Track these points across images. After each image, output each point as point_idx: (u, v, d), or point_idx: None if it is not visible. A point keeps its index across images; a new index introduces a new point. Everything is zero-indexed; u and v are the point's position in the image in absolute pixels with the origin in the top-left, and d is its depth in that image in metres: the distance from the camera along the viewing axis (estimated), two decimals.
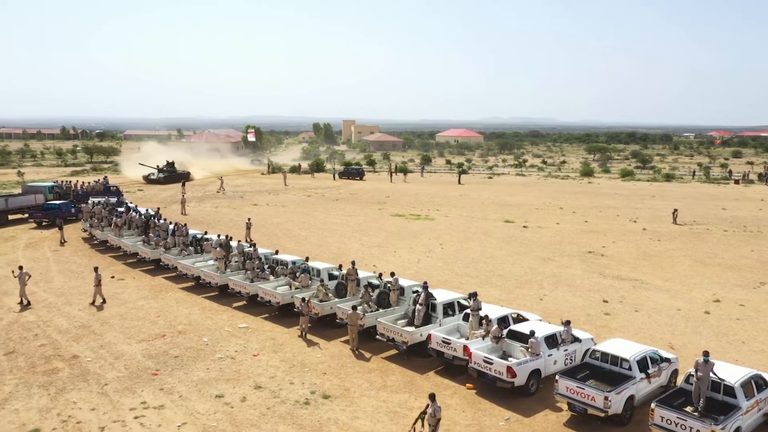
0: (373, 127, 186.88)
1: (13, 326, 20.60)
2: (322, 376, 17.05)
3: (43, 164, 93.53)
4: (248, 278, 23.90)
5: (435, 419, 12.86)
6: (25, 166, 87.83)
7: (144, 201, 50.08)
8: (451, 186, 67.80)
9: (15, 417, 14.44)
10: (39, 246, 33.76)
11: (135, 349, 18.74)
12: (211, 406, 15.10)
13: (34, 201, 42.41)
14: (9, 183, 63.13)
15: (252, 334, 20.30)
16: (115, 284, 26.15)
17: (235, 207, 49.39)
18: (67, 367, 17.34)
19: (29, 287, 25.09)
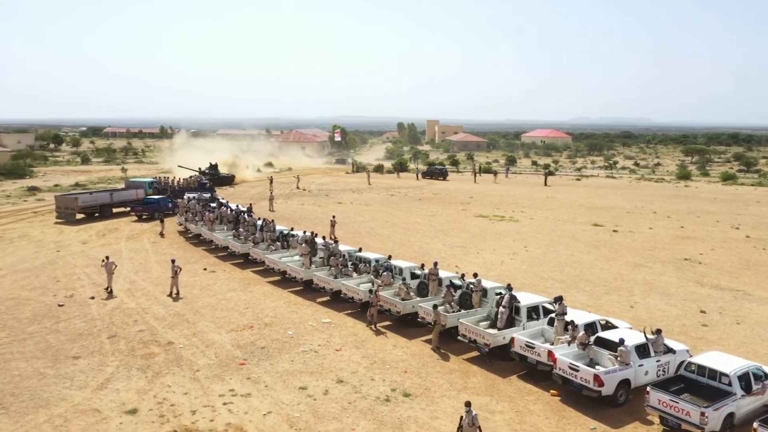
0: (457, 127, 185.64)
1: (115, 312, 22.00)
2: (402, 374, 17.11)
3: (144, 161, 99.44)
4: (332, 274, 24.36)
5: (474, 427, 12.53)
6: (128, 162, 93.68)
7: (234, 197, 52.14)
8: (537, 187, 66.25)
9: (116, 396, 15.42)
10: (139, 238, 35.89)
11: (224, 339, 19.55)
12: (295, 397, 15.50)
13: (136, 195, 45.16)
14: (113, 178, 67.48)
15: (335, 329, 20.67)
16: (207, 276, 27.39)
17: (320, 205, 50.49)
18: (163, 353, 18.32)
19: (129, 275, 26.81)
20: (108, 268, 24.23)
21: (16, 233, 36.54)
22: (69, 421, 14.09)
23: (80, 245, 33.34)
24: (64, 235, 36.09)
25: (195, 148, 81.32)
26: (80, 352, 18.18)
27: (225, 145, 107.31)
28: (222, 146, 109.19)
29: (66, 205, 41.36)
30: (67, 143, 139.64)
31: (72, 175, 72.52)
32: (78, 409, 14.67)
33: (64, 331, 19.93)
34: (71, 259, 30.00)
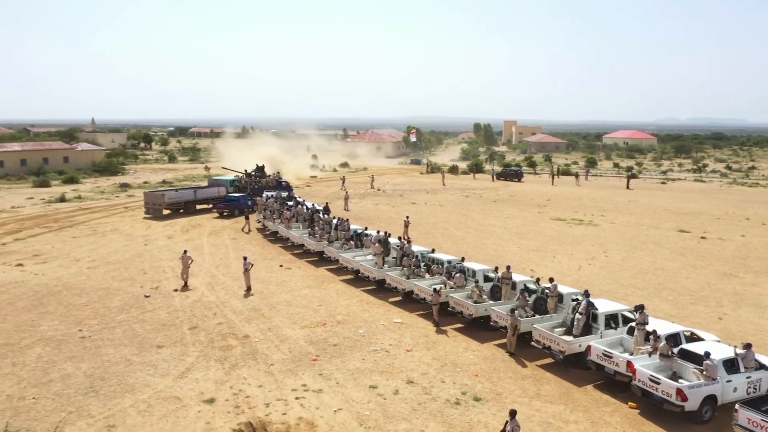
0: (535, 128, 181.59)
1: (196, 304, 22.94)
2: (473, 377, 16.90)
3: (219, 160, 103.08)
4: (404, 275, 24.39)
5: None
6: (211, 161, 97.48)
7: (311, 196, 53.22)
8: (618, 191, 63.80)
9: (195, 385, 16.07)
10: (220, 234, 37.26)
11: (298, 334, 19.97)
12: (365, 396, 15.62)
13: (218, 193, 46.92)
14: (198, 176, 70.43)
15: (406, 330, 20.69)
16: (283, 273, 28.07)
17: (394, 205, 50.70)
18: (240, 345, 18.93)
19: (210, 270, 27.88)
20: (184, 261, 25.28)
21: (108, 227, 38.80)
22: (152, 407, 14.80)
23: (166, 240, 35.00)
24: (152, 230, 38.00)
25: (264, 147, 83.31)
26: (163, 342, 19.07)
27: (301, 144, 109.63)
28: (299, 145, 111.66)
29: (154, 201, 43.55)
30: (156, 142, 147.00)
31: (160, 173, 76.40)
32: (160, 396, 15.39)
33: (150, 321, 20.97)
34: (157, 252, 31.54)
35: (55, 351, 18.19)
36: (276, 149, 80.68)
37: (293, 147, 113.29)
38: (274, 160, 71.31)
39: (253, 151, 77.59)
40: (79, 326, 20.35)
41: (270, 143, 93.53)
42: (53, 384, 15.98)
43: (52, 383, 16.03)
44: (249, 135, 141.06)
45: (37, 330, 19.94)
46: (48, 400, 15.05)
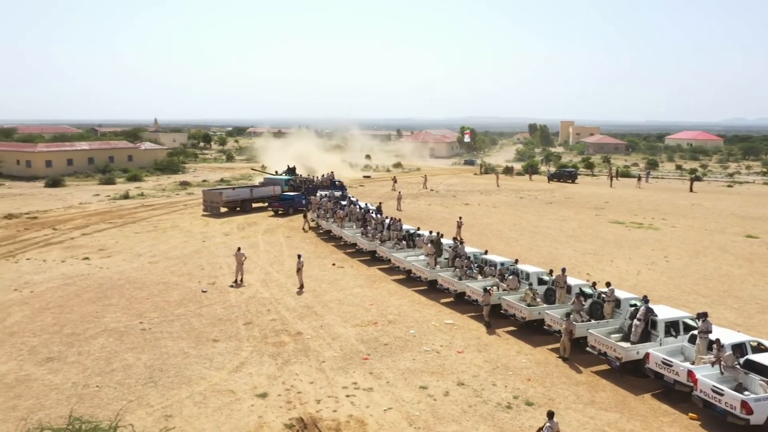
0: (593, 129, 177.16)
1: (251, 301, 23.42)
2: (526, 381, 16.62)
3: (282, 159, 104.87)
4: (457, 276, 24.22)
5: None
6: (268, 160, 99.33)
7: (364, 195, 53.52)
8: (681, 194, 61.53)
9: (249, 380, 16.41)
10: (275, 232, 37.94)
11: (350, 333, 20.11)
12: (415, 396, 15.58)
13: (273, 192, 47.77)
14: (254, 175, 71.84)
15: (457, 331, 20.54)
16: (336, 271, 28.34)
17: (447, 205, 50.43)
18: (292, 342, 19.22)
19: (264, 267, 28.40)
20: (238, 258, 25.83)
21: (169, 224, 40.09)
22: (207, 399, 15.20)
23: (223, 237, 35.89)
24: (209, 227, 39.04)
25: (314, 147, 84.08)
26: (219, 336, 19.56)
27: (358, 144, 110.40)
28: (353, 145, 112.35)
29: (212, 199, 44.74)
30: (215, 142, 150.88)
31: (218, 172, 78.41)
32: (215, 389, 15.79)
33: (206, 316, 21.54)
34: (214, 249, 32.38)
35: (117, 342, 18.93)
36: (314, 148, 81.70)
37: (347, 147, 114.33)
38: (308, 159, 72.17)
39: (286, 150, 78.62)
40: (140, 319, 21.10)
41: (314, 143, 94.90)
42: (115, 373, 16.63)
43: (114, 372, 16.68)
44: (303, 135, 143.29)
45: (101, 321, 20.79)
46: (110, 389, 15.67)
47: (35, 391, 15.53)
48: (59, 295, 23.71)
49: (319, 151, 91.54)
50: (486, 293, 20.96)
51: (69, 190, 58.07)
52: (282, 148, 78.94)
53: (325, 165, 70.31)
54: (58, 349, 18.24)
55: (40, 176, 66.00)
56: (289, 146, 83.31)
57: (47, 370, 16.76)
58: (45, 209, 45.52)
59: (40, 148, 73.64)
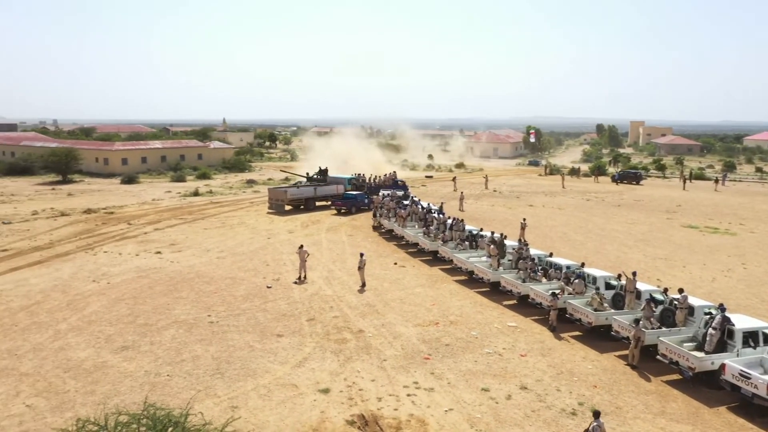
0: (665, 129, 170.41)
1: (314, 298, 23.78)
2: (592, 388, 16.15)
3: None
4: (520, 278, 23.82)
5: None
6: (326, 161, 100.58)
7: (426, 195, 53.41)
8: (761, 197, 58.38)
9: (311, 375, 16.66)
10: (337, 230, 38.38)
11: (411, 332, 20.10)
12: (477, 398, 15.42)
13: (336, 191, 48.35)
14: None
15: (520, 334, 20.19)
16: (397, 270, 28.40)
17: (511, 206, 49.67)
18: (354, 339, 19.38)
19: (327, 265, 28.77)
20: (301, 255, 26.24)
21: (236, 220, 41.23)
22: (271, 392, 15.53)
23: (287, 234, 36.60)
24: (274, 225, 39.89)
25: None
26: (283, 331, 19.95)
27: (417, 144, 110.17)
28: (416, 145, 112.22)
29: (277, 197, 45.72)
30: (280, 141, 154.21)
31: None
32: (279, 382, 16.11)
33: (271, 311, 22.02)
34: (279, 246, 33.06)
35: (186, 333, 19.61)
36: (372, 147, 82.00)
37: (410, 147, 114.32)
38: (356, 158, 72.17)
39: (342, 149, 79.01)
40: (208, 312, 21.79)
41: (370, 143, 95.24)
42: (185, 363, 17.23)
43: (183, 363, 17.29)
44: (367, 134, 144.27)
45: (172, 313, 21.59)
46: (180, 378, 16.25)
47: (111, 377, 16.28)
48: (133, 287, 24.79)
49: (375, 150, 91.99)
50: (554, 297, 20.50)
51: (143, 187, 60.65)
52: (337, 148, 79.48)
53: (370, 164, 70.78)
54: (132, 339, 19.06)
55: (117, 173, 69.24)
56: (344, 146, 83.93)
57: (122, 358, 17.54)
58: (121, 205, 47.71)
59: (116, 146, 77.21)
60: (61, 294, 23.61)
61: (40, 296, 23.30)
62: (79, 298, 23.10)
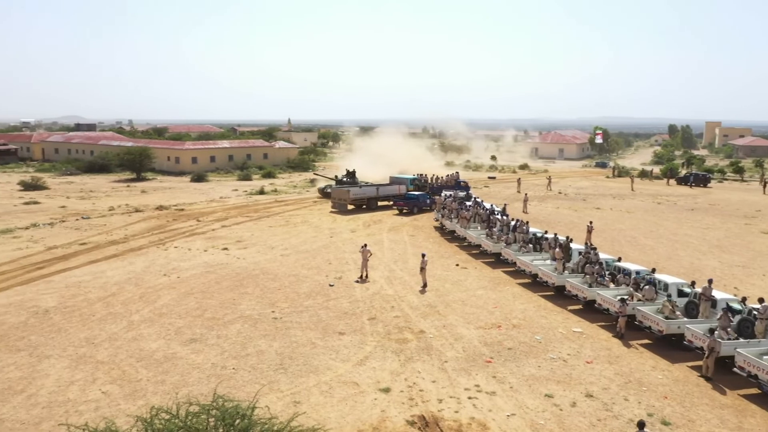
0: (744, 130, 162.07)
1: (375, 297, 23.88)
2: (662, 399, 15.51)
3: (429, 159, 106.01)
4: (587, 282, 23.16)
5: None
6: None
7: (489, 197, 52.77)
8: None
9: (372, 374, 16.73)
10: (399, 230, 38.44)
11: (472, 334, 19.88)
12: (540, 404, 15.08)
13: (398, 191, 48.43)
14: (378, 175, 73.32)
15: (586, 340, 19.62)
16: (459, 272, 28.17)
17: (577, 209, 48.41)
18: (415, 340, 19.34)
19: (389, 264, 28.84)
20: (364, 255, 26.39)
21: (299, 219, 41.96)
22: (333, 389, 15.70)
23: (349, 233, 36.94)
24: (337, 223, 40.35)
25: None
26: (345, 329, 20.13)
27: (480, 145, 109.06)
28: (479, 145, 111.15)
29: (340, 196, 46.23)
30: (343, 141, 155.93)
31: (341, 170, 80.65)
32: (340, 380, 16.26)
33: (333, 309, 22.26)
34: (341, 245, 33.41)
35: (251, 328, 20.08)
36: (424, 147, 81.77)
37: (474, 147, 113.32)
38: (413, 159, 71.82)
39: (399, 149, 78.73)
40: (272, 308, 22.24)
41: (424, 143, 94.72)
42: (249, 358, 17.64)
43: (248, 357, 17.71)
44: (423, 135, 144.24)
45: (238, 308, 22.17)
46: (245, 372, 16.65)
47: (180, 368, 16.86)
48: (201, 281, 25.60)
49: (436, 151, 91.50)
50: (623, 303, 19.82)
51: (211, 185, 62.63)
52: (394, 148, 79.18)
53: (423, 164, 70.42)
54: (200, 332, 19.68)
55: (187, 171, 71.80)
56: (400, 146, 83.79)
57: (190, 350, 18.13)
58: (190, 202, 49.42)
59: (187, 146, 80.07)
60: (135, 287, 24.66)
61: (116, 288, 24.42)
62: (151, 291, 24.05)
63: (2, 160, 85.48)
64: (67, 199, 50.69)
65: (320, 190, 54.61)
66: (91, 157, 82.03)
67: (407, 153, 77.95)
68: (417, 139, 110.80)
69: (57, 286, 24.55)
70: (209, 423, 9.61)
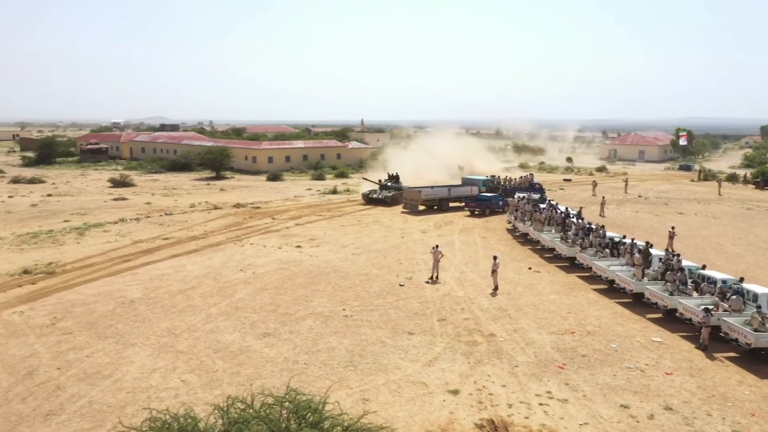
0: None
1: (446, 298, 23.77)
2: (749, 416, 14.64)
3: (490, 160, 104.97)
4: (667, 290, 22.17)
5: None
6: None
7: (564, 199, 51.43)
8: None
9: (441, 375, 16.67)
10: (470, 232, 38.09)
11: (545, 340, 19.44)
12: (615, 414, 14.57)
13: (470, 192, 47.99)
14: (452, 175, 72.86)
15: (666, 351, 18.79)
16: (532, 275, 27.61)
17: (658, 214, 46.41)
18: (485, 342, 19.12)
19: (459, 266, 28.65)
20: (435, 255, 26.29)
21: (371, 219, 42.34)
22: (401, 388, 15.75)
23: (420, 234, 36.93)
24: (408, 224, 40.44)
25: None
26: (414, 329, 20.15)
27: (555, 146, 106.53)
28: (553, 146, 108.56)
29: (411, 197, 46.29)
30: (401, 141, 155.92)
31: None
32: (409, 380, 16.30)
33: (403, 308, 22.33)
34: (412, 245, 33.45)
35: (322, 325, 20.44)
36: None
37: (548, 149, 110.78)
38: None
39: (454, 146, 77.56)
40: (343, 306, 22.56)
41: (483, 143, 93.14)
42: (320, 354, 17.97)
43: (319, 353, 18.04)
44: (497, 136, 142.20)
45: (310, 305, 22.62)
46: (316, 367, 16.98)
47: (254, 361, 17.39)
48: (275, 277, 26.29)
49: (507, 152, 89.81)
50: (707, 313, 18.86)
51: (286, 184, 64.20)
52: (450, 149, 78.03)
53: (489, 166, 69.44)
54: (274, 326, 20.22)
55: (263, 171, 73.91)
56: (456, 146, 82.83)
57: (264, 344, 18.66)
58: (266, 200, 50.85)
59: (263, 146, 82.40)
60: (213, 281, 25.62)
61: (195, 281, 25.46)
62: (228, 286, 24.92)
63: (94, 159, 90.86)
64: (152, 195, 53.29)
65: (364, 195, 50.96)
66: (174, 156, 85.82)
67: (465, 153, 77.42)
68: (482, 140, 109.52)
69: (142, 278, 25.87)
70: (282, 415, 9.88)
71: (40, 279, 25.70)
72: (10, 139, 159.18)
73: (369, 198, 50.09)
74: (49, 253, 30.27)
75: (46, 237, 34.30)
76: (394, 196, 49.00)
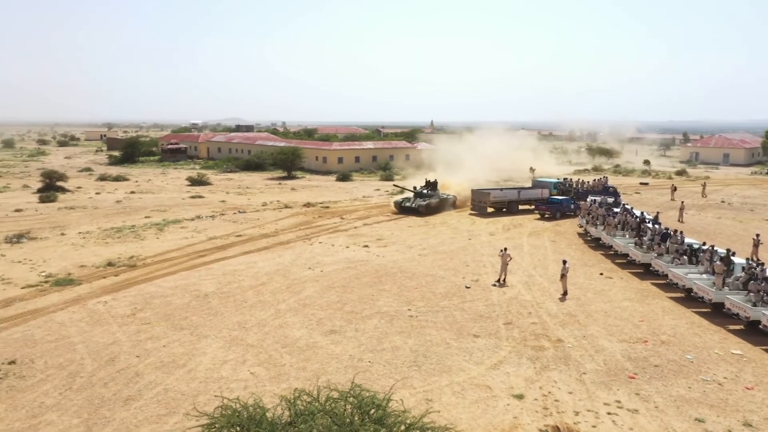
0: None
1: (512, 302, 23.45)
2: None
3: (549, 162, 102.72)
4: (751, 301, 21.02)
5: None
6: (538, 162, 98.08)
7: (640, 204, 49.57)
8: None
9: (505, 378, 16.48)
10: (540, 235, 37.36)
11: (615, 347, 18.86)
12: (689, 428, 13.98)
13: (540, 195, 47.06)
14: (521, 177, 71.70)
15: (747, 364, 17.83)
16: (603, 281, 26.81)
17: (742, 220, 43.97)
18: (552, 348, 18.74)
19: (528, 270, 28.20)
20: (503, 258, 25.94)
21: (438, 220, 42.26)
22: (465, 390, 15.69)
23: (488, 236, 36.56)
24: (476, 226, 40.10)
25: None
26: (479, 332, 20.00)
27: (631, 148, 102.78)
28: (629, 149, 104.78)
29: (480, 199, 45.86)
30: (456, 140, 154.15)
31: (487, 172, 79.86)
32: (473, 382, 16.20)
33: (468, 311, 22.20)
34: (479, 247, 33.17)
35: (387, 324, 20.61)
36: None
37: (625, 151, 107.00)
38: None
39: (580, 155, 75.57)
40: (409, 306, 22.66)
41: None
42: (385, 352, 18.14)
43: (384, 351, 18.21)
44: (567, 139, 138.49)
45: (375, 304, 22.85)
46: (380, 366, 17.16)
47: (320, 357, 17.76)
48: (342, 276, 26.71)
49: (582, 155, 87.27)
50: None
51: (355, 185, 64.99)
52: (505, 151, 76.18)
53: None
54: (340, 324, 20.56)
55: (333, 171, 75.12)
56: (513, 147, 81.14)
57: (330, 341, 19.02)
58: (335, 200, 51.68)
59: (334, 146, 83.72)
60: (282, 278, 26.31)
61: (266, 278, 26.22)
62: (297, 283, 25.53)
63: (174, 158, 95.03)
64: (227, 194, 55.24)
65: (396, 203, 45.94)
66: (248, 156, 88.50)
67: (522, 154, 76.09)
68: (551, 142, 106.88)
69: (215, 273, 26.89)
70: (346, 409, 10.08)
71: (123, 271, 27.19)
72: (98, 139, 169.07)
73: (401, 207, 45.07)
74: (131, 247, 31.96)
75: (128, 232, 36.23)
76: (429, 204, 44.30)
